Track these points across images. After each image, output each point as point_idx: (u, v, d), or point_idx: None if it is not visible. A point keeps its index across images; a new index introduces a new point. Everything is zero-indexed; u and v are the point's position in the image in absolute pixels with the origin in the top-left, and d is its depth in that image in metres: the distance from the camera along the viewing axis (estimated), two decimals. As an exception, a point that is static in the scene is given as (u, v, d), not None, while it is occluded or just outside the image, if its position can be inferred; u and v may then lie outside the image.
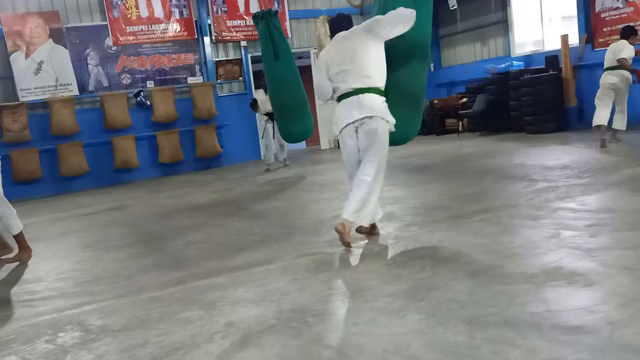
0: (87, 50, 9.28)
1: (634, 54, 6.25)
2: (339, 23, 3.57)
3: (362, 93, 3.32)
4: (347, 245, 3.37)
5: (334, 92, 3.50)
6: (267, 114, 8.27)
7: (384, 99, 3.40)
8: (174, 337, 2.35)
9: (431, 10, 3.67)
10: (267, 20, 6.59)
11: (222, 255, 3.65)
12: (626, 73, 6.16)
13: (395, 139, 3.85)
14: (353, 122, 3.36)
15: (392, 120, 3.38)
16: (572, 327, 1.99)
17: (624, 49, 6.09)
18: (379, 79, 3.38)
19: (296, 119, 6.73)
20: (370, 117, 3.31)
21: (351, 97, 3.36)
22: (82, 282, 3.44)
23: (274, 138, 8.37)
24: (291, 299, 2.63)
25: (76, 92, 9.17)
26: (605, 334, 1.90)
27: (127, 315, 2.70)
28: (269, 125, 8.33)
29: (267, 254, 3.52)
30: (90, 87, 9.33)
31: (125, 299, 2.98)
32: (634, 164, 5.06)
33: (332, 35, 3.59)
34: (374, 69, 3.36)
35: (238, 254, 3.61)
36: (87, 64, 9.31)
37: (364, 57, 3.33)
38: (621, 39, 6.29)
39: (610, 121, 6.40)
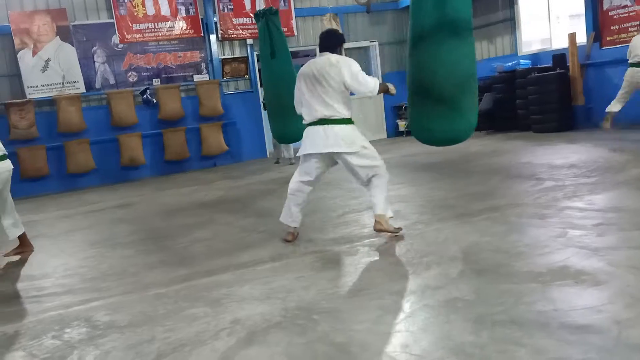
0: (94, 48, 9.31)
1: None
2: (326, 41, 3.57)
3: (328, 124, 3.42)
4: (397, 230, 3.54)
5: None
6: None
7: (351, 126, 3.47)
8: (180, 333, 2.36)
9: None
10: (266, 19, 6.63)
11: (228, 252, 3.66)
12: None
13: (434, 141, 3.91)
14: (319, 153, 3.49)
15: (357, 149, 3.44)
16: (579, 326, 1.98)
17: None
18: (345, 109, 3.44)
19: (291, 119, 6.75)
20: (338, 153, 3.43)
21: (317, 127, 3.46)
22: (89, 279, 3.46)
23: None
24: (297, 297, 2.64)
25: (83, 89, 9.21)
26: (613, 334, 1.89)
27: (134, 311, 2.72)
28: None
29: (273, 252, 3.52)
30: (97, 85, 9.36)
31: (132, 296, 3.00)
32: (642, 163, 5.02)
33: (320, 50, 3.58)
34: (341, 101, 3.43)
35: (244, 252, 3.61)
36: (94, 62, 9.34)
37: (332, 90, 3.39)
38: None
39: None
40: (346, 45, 11.62)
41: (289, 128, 6.81)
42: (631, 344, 1.81)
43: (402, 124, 11.30)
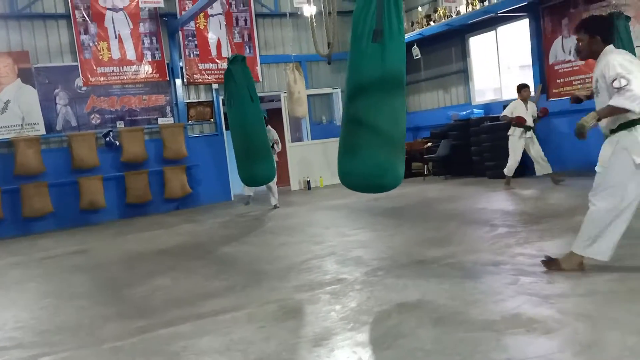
0: (56, 90, 9.20)
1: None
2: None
3: None
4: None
5: None
6: None
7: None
8: (136, 391, 2.30)
9: (403, 43, 3.61)
10: (228, 66, 6.83)
11: (188, 302, 3.60)
12: None
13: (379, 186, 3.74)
14: None
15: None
16: (531, 375, 2.06)
17: None
18: None
19: (260, 162, 6.83)
20: None
21: None
22: (41, 332, 3.31)
23: None
24: (257, 349, 2.62)
25: (43, 131, 9.01)
26: (562, 382, 1.97)
27: (88, 368, 2.63)
28: None
29: (234, 301, 3.49)
30: (58, 127, 9.19)
31: (86, 350, 2.89)
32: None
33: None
34: None
35: (204, 301, 3.56)
36: (56, 104, 9.20)
37: None
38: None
39: None
40: (309, 91, 11.83)
41: (256, 171, 6.85)
42: (578, 392, 1.90)
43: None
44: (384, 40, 3.42)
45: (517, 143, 7.50)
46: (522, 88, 7.65)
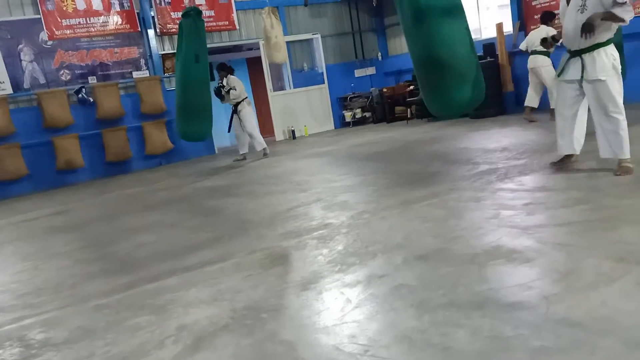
0: (20, 46, 8.75)
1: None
2: None
3: None
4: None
5: None
6: (234, 105, 8.27)
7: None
8: (122, 346, 2.28)
9: None
10: (180, 20, 6.64)
11: (174, 255, 3.57)
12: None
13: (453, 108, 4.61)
14: None
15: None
16: (512, 303, 2.09)
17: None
18: None
19: (203, 120, 7.17)
20: None
21: None
22: (22, 295, 3.26)
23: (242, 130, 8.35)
24: (245, 296, 2.62)
25: (9, 90, 8.64)
26: (542, 309, 2.01)
27: (71, 326, 2.60)
28: (235, 116, 8.31)
29: (221, 252, 3.48)
30: (26, 85, 8.82)
31: (69, 309, 2.86)
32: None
33: None
34: None
35: (190, 254, 3.54)
36: (21, 60, 8.78)
37: None
38: (541, 24, 6.82)
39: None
40: (288, 38, 11.51)
41: (189, 129, 7.23)
42: (558, 319, 1.92)
43: (348, 115, 11.41)
44: None
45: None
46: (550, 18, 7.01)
